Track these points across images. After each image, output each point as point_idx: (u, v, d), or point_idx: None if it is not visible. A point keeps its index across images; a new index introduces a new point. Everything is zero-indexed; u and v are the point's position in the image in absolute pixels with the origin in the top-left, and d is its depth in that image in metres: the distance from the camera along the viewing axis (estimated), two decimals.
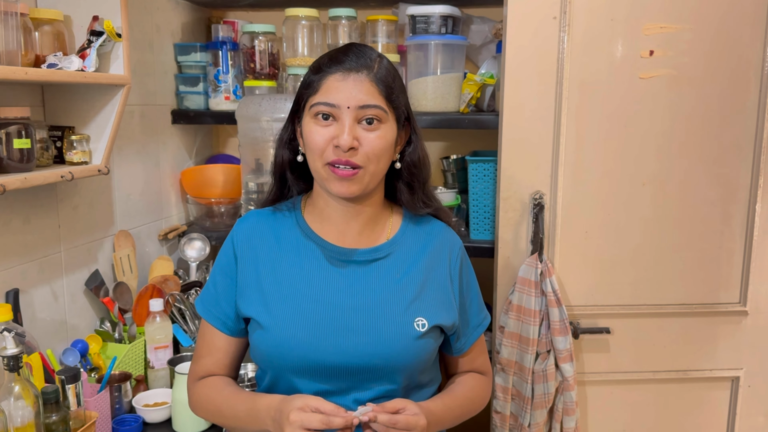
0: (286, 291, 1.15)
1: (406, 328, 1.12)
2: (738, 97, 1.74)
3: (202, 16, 2.42)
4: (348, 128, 1.07)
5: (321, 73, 1.11)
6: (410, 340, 1.12)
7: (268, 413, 1.08)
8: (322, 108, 1.09)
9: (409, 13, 2.05)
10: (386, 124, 1.11)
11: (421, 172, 1.20)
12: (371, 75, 1.09)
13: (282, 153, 1.21)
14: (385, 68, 1.12)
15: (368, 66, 1.10)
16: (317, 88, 1.10)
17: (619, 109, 1.74)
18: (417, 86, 2.05)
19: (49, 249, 1.68)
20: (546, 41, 1.71)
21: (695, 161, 1.76)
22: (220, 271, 1.22)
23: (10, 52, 1.35)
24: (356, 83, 1.08)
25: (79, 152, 1.62)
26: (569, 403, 1.74)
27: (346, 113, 1.08)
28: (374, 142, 1.09)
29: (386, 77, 1.11)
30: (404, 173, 1.19)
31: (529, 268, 1.74)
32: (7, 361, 1.28)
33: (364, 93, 1.08)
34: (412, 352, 1.13)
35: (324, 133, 1.09)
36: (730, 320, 1.85)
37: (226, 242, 1.23)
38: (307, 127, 1.12)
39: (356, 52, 1.11)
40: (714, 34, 1.71)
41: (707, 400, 1.90)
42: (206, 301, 1.23)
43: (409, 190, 1.20)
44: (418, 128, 1.20)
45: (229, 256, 1.21)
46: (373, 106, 1.08)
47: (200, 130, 2.43)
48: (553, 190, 1.77)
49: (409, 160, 1.19)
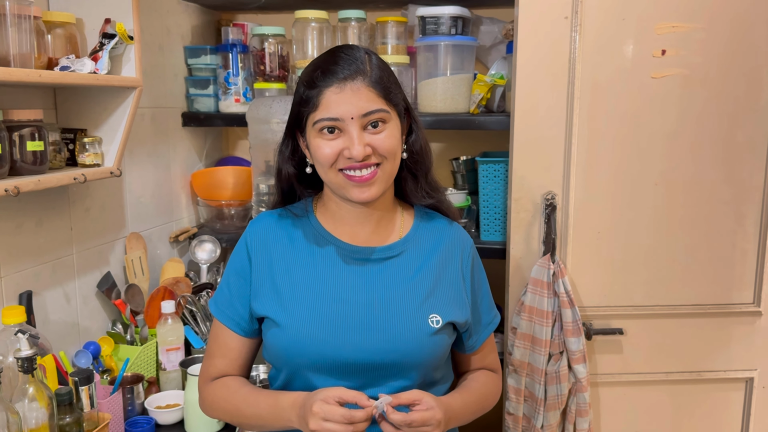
0: (301, 289, 1.16)
1: (421, 325, 1.13)
2: (751, 96, 1.73)
3: (212, 18, 2.43)
4: (357, 139, 1.08)
5: (316, 88, 1.10)
6: (425, 336, 1.13)
7: (293, 409, 1.09)
8: (326, 123, 1.09)
9: (418, 15, 2.05)
10: (391, 122, 1.12)
11: (424, 160, 1.21)
12: (367, 80, 1.09)
13: (286, 167, 1.22)
14: (377, 67, 1.12)
15: (362, 71, 1.09)
16: (316, 104, 1.09)
17: (631, 109, 1.73)
18: (427, 87, 2.05)
19: (61, 251, 1.68)
20: (558, 41, 1.71)
21: (708, 161, 1.75)
22: (234, 273, 1.23)
23: (23, 54, 1.35)
24: (354, 92, 1.08)
25: (92, 154, 1.63)
26: (582, 404, 1.73)
27: (351, 124, 1.08)
28: (386, 142, 1.10)
29: (381, 78, 1.11)
30: (408, 162, 1.20)
31: (542, 269, 1.73)
32: (21, 362, 1.29)
33: (365, 100, 1.08)
34: (427, 348, 1.14)
35: (333, 145, 1.10)
36: (743, 321, 1.83)
37: (239, 244, 1.24)
38: (314, 142, 1.12)
39: (345, 59, 1.10)
40: (727, 33, 1.70)
41: (721, 402, 1.88)
42: (220, 303, 1.23)
43: (414, 179, 1.22)
44: (417, 117, 1.21)
45: (242, 257, 1.22)
46: (376, 110, 1.09)
47: (210, 132, 2.44)
48: (565, 191, 1.77)
49: (413, 149, 1.20)
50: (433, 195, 1.24)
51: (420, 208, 1.27)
